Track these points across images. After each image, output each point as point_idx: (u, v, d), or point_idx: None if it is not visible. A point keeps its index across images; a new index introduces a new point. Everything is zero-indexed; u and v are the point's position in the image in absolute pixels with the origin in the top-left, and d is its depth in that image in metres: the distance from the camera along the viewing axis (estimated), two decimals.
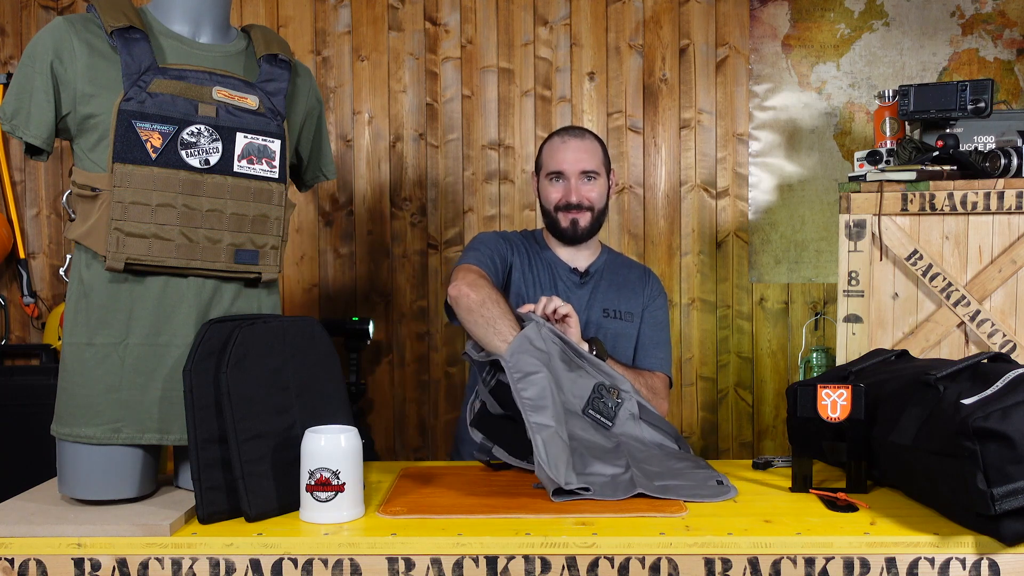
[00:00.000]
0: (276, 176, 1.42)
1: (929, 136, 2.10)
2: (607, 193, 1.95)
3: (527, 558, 1.18)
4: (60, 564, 1.18)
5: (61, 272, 2.77)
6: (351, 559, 1.18)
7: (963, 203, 1.98)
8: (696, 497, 1.36)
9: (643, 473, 1.43)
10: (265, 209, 1.42)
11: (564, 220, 1.90)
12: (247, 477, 1.26)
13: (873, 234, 2.01)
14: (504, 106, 2.79)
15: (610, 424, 1.56)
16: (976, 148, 2.09)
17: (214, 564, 1.18)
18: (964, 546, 1.18)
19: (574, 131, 1.95)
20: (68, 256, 2.74)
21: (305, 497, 1.26)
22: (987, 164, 1.99)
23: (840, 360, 2.02)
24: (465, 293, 1.62)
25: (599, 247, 2.00)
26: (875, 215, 2.00)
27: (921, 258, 1.99)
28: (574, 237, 1.90)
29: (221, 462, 1.26)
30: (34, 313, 2.77)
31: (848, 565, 1.18)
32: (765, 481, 1.50)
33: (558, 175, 1.90)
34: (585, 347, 1.68)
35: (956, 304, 1.99)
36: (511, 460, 1.50)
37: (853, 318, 2.03)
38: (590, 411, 1.56)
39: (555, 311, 1.63)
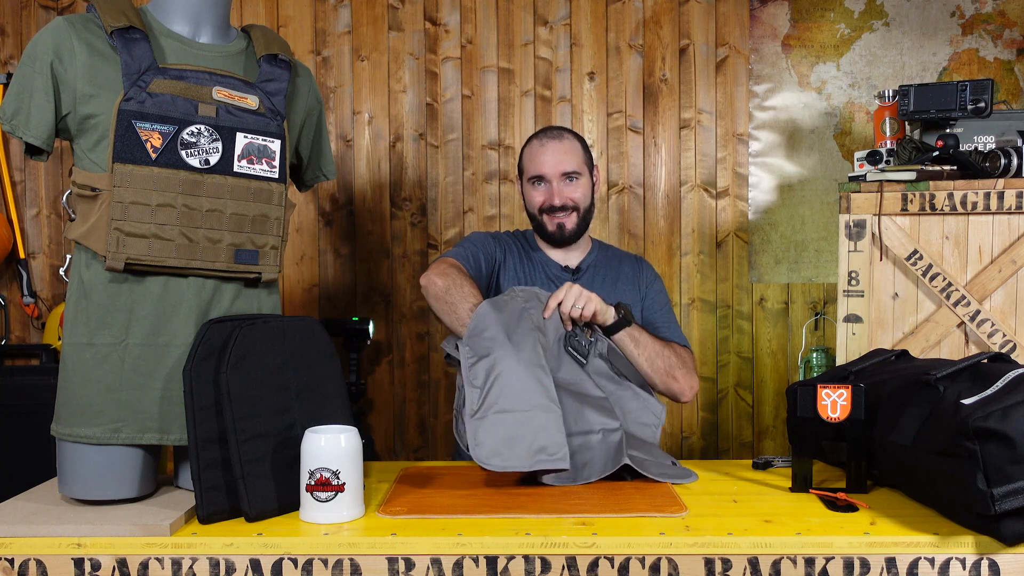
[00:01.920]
0: (276, 176, 1.42)
1: (929, 136, 2.10)
2: (592, 191, 1.94)
3: (527, 558, 1.18)
4: (60, 564, 1.18)
5: (61, 272, 2.77)
6: (351, 559, 1.18)
7: (963, 203, 1.98)
8: (662, 477, 1.46)
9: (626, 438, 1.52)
10: (265, 209, 1.42)
11: (550, 223, 1.90)
12: (247, 477, 1.26)
13: (873, 234, 2.01)
14: (504, 106, 2.79)
15: (584, 361, 1.60)
16: (976, 148, 2.09)
17: (214, 564, 1.18)
18: (964, 546, 1.18)
19: (552, 132, 1.94)
20: (68, 256, 2.74)
21: (305, 497, 1.26)
22: (987, 164, 1.99)
23: (840, 360, 2.02)
24: (432, 281, 1.68)
25: (589, 243, 2.00)
26: (875, 215, 2.00)
27: (921, 258, 1.99)
28: (561, 239, 1.90)
29: (221, 462, 1.26)
30: (34, 313, 2.76)
31: (848, 565, 1.18)
32: (765, 481, 1.50)
33: (539, 179, 1.90)
34: (611, 313, 1.69)
35: (956, 304, 1.99)
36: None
37: (853, 318, 2.03)
38: (568, 348, 1.61)
39: (580, 314, 1.64)
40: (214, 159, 1.36)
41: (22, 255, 2.77)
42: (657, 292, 1.97)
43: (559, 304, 1.64)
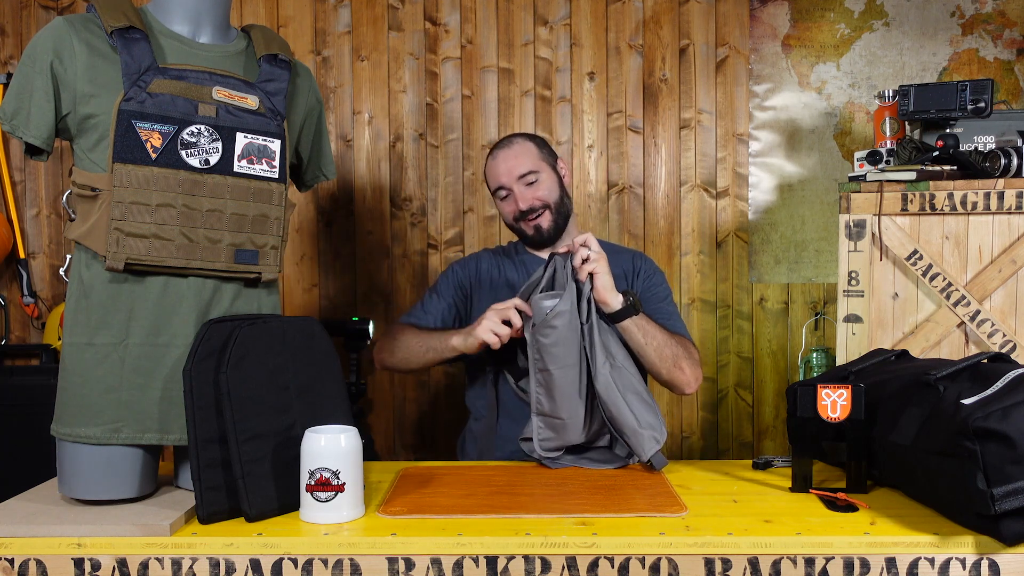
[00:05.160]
0: (276, 176, 1.42)
1: (929, 136, 2.10)
2: (559, 183, 1.93)
3: (527, 558, 1.18)
4: (60, 564, 1.18)
5: (61, 272, 2.77)
6: (351, 559, 1.18)
7: (963, 203, 1.98)
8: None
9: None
10: (265, 209, 1.42)
11: (527, 228, 1.91)
12: (247, 477, 1.26)
13: (873, 234, 2.01)
14: (504, 106, 2.79)
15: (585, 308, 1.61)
16: (976, 148, 2.09)
17: (214, 564, 1.18)
18: (964, 546, 1.18)
19: (502, 143, 1.96)
20: (68, 256, 2.74)
21: (305, 497, 1.26)
22: (987, 164, 1.99)
23: (840, 360, 2.02)
24: (382, 360, 1.91)
25: None
26: (875, 215, 2.00)
27: (921, 258, 1.99)
28: (542, 240, 1.90)
29: (221, 462, 1.26)
30: (34, 313, 2.76)
31: (848, 565, 1.18)
32: (765, 481, 1.50)
33: (502, 190, 1.91)
34: (619, 300, 1.63)
35: (956, 304, 1.99)
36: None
37: (853, 318, 2.03)
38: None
39: (583, 263, 1.60)
40: (214, 159, 1.36)
41: (22, 255, 2.76)
42: (657, 285, 1.94)
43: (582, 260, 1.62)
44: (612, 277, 1.62)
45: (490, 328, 1.64)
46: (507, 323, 1.64)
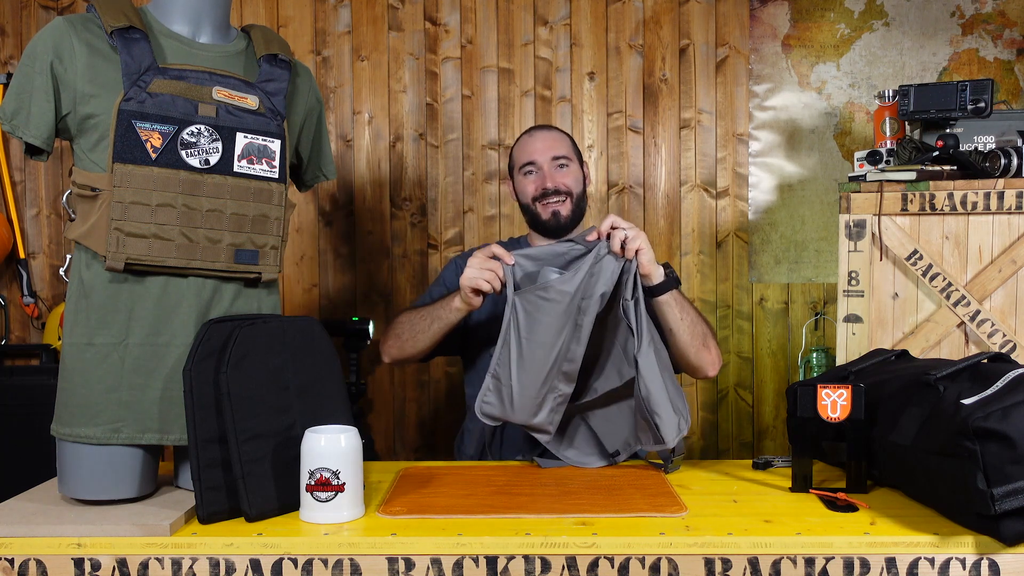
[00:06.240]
0: (276, 176, 1.42)
1: (929, 136, 2.10)
2: (583, 182, 1.94)
3: (527, 558, 1.18)
4: (60, 564, 1.18)
5: (61, 272, 2.77)
6: (351, 559, 1.18)
7: (963, 203, 1.98)
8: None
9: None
10: (265, 209, 1.42)
11: (544, 212, 1.89)
12: (247, 477, 1.26)
13: (873, 234, 2.01)
14: (504, 106, 2.79)
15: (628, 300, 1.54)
16: (976, 148, 2.09)
17: (214, 564, 1.18)
18: (964, 546, 1.18)
19: (540, 126, 1.99)
20: (68, 256, 2.74)
21: (305, 497, 1.26)
22: (987, 164, 1.99)
23: (840, 360, 2.02)
24: (387, 349, 1.85)
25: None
26: (875, 215, 2.00)
27: (921, 258, 1.99)
28: (557, 228, 1.88)
29: (221, 462, 1.26)
30: (34, 313, 2.76)
31: (848, 565, 1.18)
32: (765, 481, 1.50)
33: (531, 165, 1.90)
34: (660, 271, 1.61)
35: (956, 304, 1.99)
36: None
37: (853, 318, 2.03)
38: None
39: (623, 244, 1.53)
40: (214, 159, 1.36)
41: (22, 255, 2.77)
42: None
43: (609, 237, 1.54)
44: (651, 253, 1.58)
45: (474, 275, 1.59)
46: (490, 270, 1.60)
